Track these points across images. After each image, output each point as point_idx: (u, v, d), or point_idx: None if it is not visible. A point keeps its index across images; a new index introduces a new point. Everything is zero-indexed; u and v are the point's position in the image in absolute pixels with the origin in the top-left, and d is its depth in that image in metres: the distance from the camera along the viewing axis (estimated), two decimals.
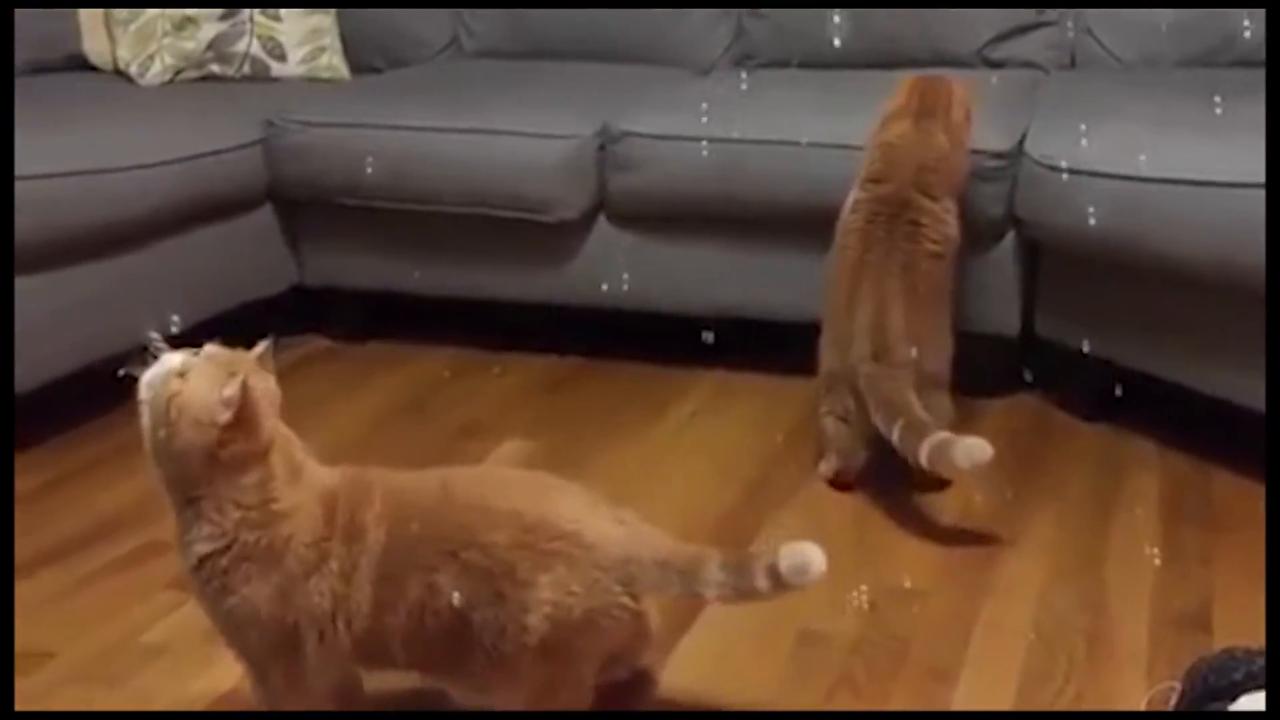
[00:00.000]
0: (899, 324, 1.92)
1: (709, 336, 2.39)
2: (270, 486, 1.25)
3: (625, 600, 1.28)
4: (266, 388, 1.27)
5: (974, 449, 1.77)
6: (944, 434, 1.80)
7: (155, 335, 1.27)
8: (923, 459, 1.80)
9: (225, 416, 1.22)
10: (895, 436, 1.84)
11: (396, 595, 1.25)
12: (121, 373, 1.27)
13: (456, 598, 1.23)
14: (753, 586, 1.28)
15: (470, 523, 1.26)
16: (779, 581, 1.27)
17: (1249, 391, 1.93)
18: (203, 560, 1.26)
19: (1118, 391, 2.17)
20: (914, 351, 1.91)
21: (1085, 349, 2.16)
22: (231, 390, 1.21)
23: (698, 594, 1.30)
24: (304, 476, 1.28)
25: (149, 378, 1.26)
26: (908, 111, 2.06)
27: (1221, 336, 1.98)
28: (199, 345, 1.30)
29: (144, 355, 1.28)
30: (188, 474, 1.24)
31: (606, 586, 1.26)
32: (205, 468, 1.24)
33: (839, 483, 2.02)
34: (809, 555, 1.27)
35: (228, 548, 1.25)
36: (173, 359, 1.26)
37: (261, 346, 1.30)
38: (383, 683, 1.42)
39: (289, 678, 1.29)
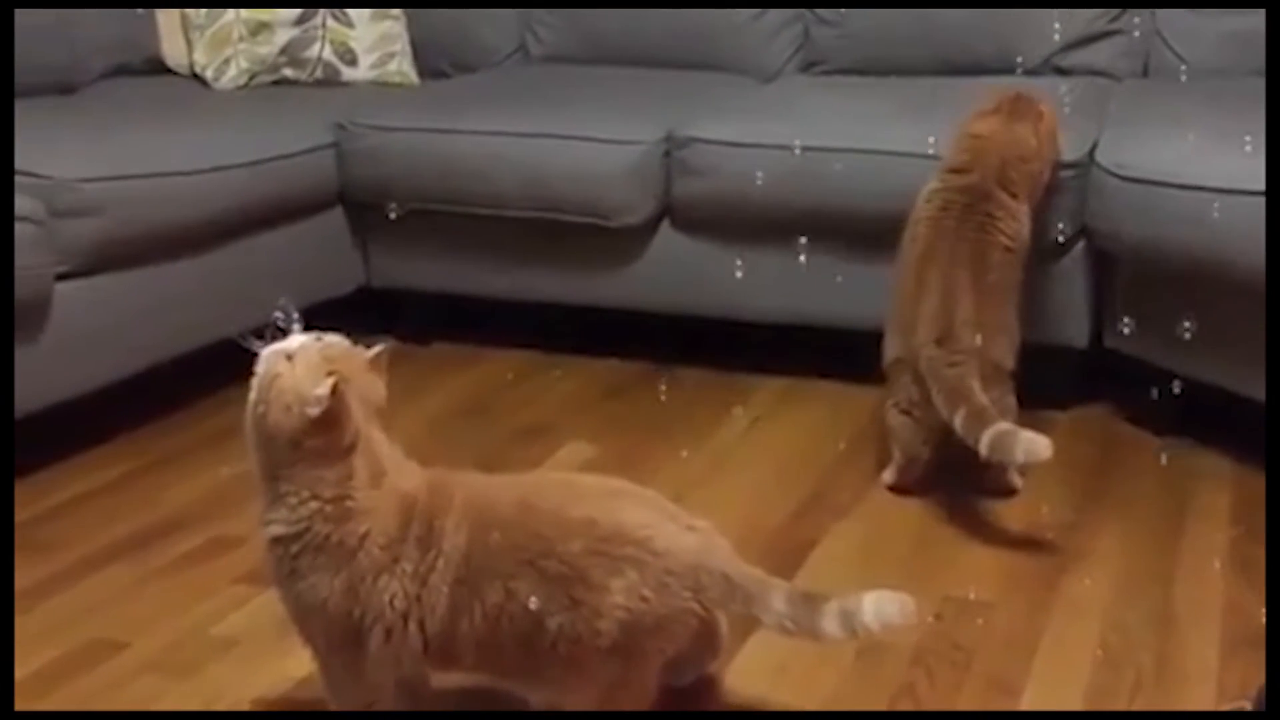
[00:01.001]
0: (965, 311, 1.90)
1: None
2: (349, 485, 1.28)
3: (694, 606, 1.30)
4: (367, 390, 1.30)
5: (1035, 444, 1.75)
6: (1006, 425, 1.79)
7: (284, 313, 1.32)
8: (983, 448, 1.78)
9: (313, 411, 1.25)
10: (958, 422, 1.82)
11: (473, 599, 1.27)
12: (255, 347, 1.31)
13: (533, 603, 1.26)
14: (817, 627, 1.30)
15: (547, 532, 1.29)
16: (854, 630, 1.30)
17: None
18: (276, 541, 1.30)
19: (1185, 404, 2.14)
20: (979, 339, 1.89)
21: (1161, 366, 2.12)
22: (322, 390, 1.24)
23: (757, 618, 1.32)
24: (386, 480, 1.31)
25: (266, 353, 1.30)
26: (1000, 110, 2.07)
27: None
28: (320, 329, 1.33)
29: (272, 330, 1.32)
30: (273, 454, 1.28)
31: (676, 592, 1.28)
32: (289, 452, 1.27)
33: (900, 485, 2.00)
34: (894, 607, 1.30)
35: (300, 534, 1.28)
36: (292, 341, 1.30)
37: (378, 348, 1.34)
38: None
39: (349, 669, 1.32)
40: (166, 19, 2.92)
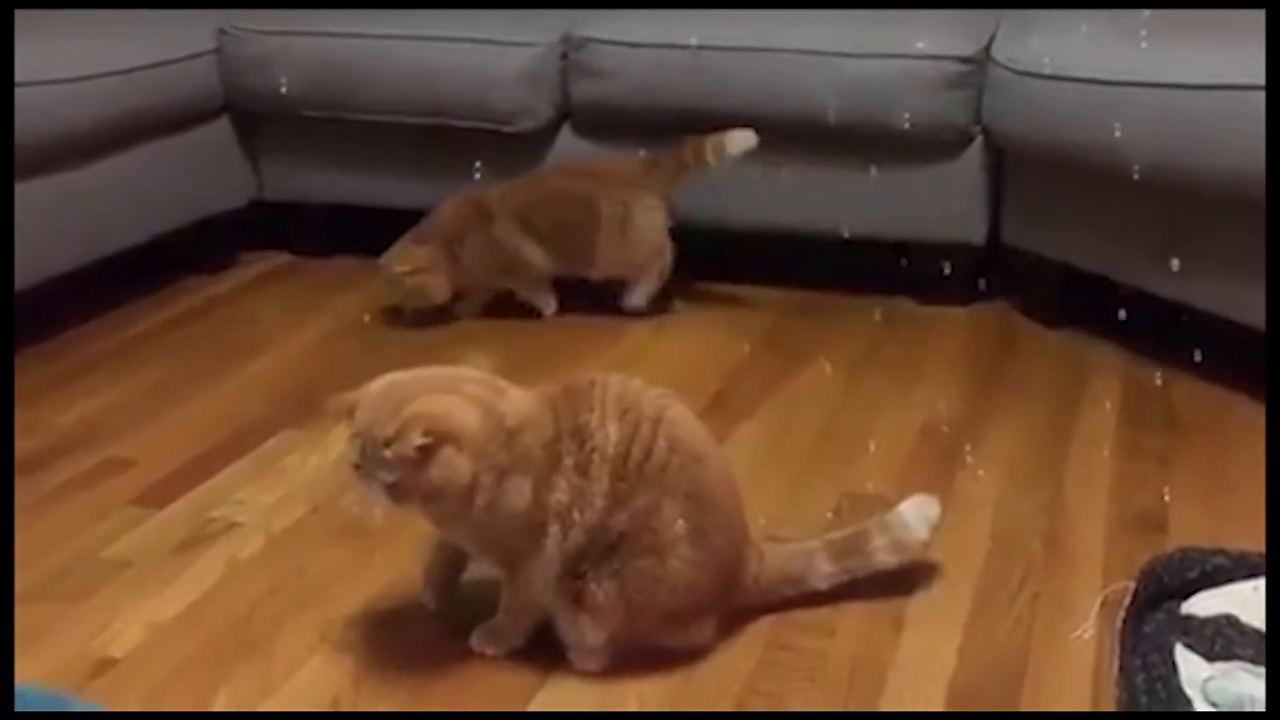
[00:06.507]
0: None
1: None
2: (491, 423, 1.29)
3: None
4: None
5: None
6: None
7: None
8: None
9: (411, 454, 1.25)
10: None
11: (630, 496, 1.31)
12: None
13: (681, 526, 1.32)
14: (873, 566, 1.45)
15: (716, 490, 1.37)
16: (908, 548, 1.45)
17: (1212, 297, 1.93)
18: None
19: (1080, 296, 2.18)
20: None
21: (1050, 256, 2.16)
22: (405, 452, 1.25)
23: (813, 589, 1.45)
24: (509, 393, 1.34)
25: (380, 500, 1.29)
26: None
27: (1187, 242, 1.97)
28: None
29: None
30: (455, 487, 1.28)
31: (749, 595, 1.42)
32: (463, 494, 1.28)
33: None
34: (931, 509, 1.46)
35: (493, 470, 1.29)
36: (357, 476, 1.29)
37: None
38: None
39: (529, 581, 1.33)
40: None
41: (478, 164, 2.40)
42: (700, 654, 1.37)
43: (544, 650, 1.36)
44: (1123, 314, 2.13)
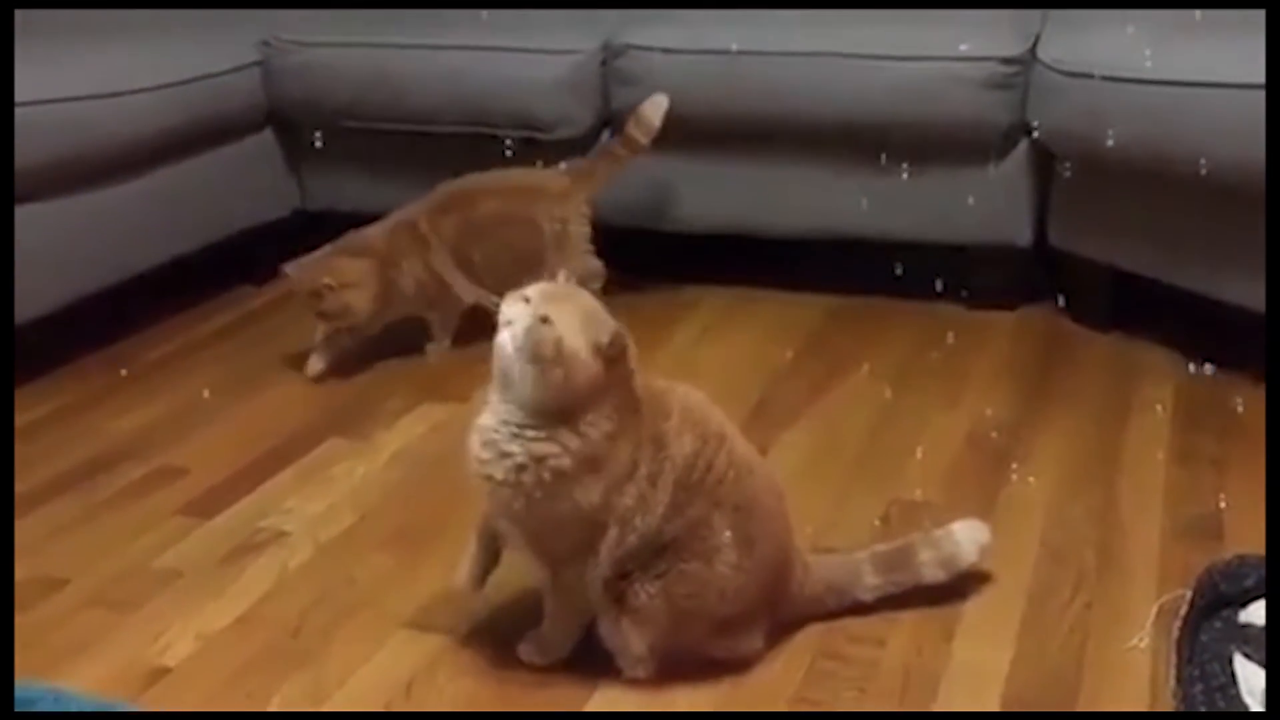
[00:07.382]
0: None
1: None
2: (635, 404, 1.30)
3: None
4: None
5: None
6: None
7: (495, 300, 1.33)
8: None
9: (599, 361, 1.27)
10: None
11: (687, 505, 1.31)
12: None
13: (728, 537, 1.32)
14: (920, 580, 1.44)
15: (771, 504, 1.37)
16: (958, 569, 1.45)
17: (1264, 298, 1.90)
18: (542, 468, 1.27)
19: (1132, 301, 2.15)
20: None
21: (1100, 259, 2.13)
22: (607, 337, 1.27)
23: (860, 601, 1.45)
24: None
25: (518, 331, 1.26)
26: None
27: (1237, 242, 1.94)
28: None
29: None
30: (576, 400, 1.27)
31: (796, 608, 1.43)
32: (591, 395, 1.28)
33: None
34: (982, 533, 1.46)
35: (580, 454, 1.28)
36: (522, 308, 1.28)
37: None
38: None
39: (581, 580, 1.33)
40: None
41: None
42: (750, 663, 1.37)
43: (593, 660, 1.36)
44: (1174, 319, 2.10)
